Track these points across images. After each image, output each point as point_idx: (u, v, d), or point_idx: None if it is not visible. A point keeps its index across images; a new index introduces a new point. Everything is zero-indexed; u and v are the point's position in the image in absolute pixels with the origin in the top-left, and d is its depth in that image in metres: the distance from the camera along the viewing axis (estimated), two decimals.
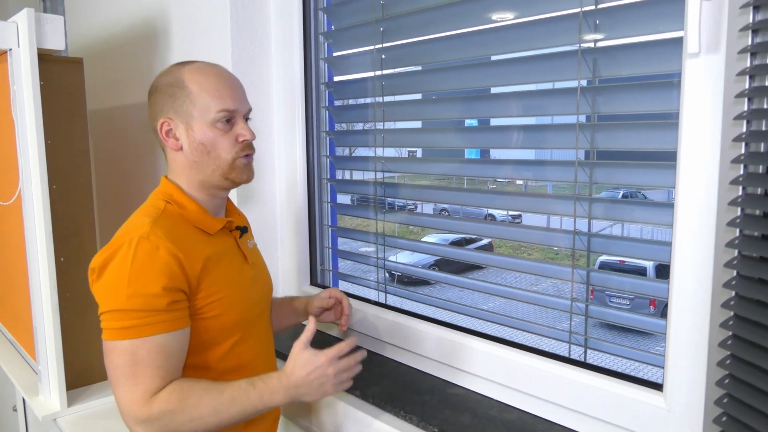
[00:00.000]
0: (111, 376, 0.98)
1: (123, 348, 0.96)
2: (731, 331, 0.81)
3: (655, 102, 1.02)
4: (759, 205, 0.78)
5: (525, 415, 1.16)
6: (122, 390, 0.96)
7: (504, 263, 1.30)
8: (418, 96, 1.44)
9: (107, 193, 2.31)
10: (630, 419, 1.01)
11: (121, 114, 2.15)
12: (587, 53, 1.08)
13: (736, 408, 0.81)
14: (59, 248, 1.53)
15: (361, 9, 1.49)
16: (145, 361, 0.96)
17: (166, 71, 1.11)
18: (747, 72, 0.76)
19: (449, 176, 1.41)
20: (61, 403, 1.55)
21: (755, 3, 0.74)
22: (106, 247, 1.01)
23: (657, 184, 1.04)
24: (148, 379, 0.96)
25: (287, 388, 1.04)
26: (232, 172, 1.10)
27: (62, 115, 1.57)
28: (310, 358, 1.05)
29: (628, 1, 1.03)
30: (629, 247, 1.09)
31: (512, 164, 1.25)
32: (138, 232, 0.99)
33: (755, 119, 0.77)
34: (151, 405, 0.95)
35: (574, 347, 1.17)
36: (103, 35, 2.22)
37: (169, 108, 1.07)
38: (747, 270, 0.79)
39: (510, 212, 8.82)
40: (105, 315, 0.98)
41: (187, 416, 0.97)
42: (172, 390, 0.98)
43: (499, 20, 1.21)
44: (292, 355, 1.07)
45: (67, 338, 1.54)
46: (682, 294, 0.93)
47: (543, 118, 1.19)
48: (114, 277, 0.97)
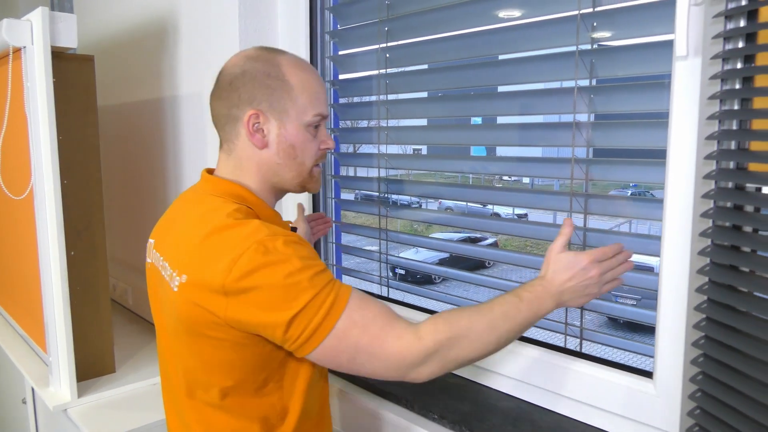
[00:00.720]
0: (359, 360, 0.86)
1: (350, 318, 0.85)
2: (705, 314, 0.86)
3: (649, 102, 1.07)
4: (730, 198, 0.83)
5: (523, 403, 1.21)
6: (387, 347, 0.85)
7: (508, 258, 1.34)
8: (423, 94, 1.47)
9: (115, 188, 2.35)
10: (622, 405, 1.06)
11: (130, 111, 2.19)
12: (585, 54, 1.12)
13: (709, 384, 0.85)
14: (70, 242, 1.56)
15: (366, 9, 1.53)
16: (376, 307, 0.88)
17: (254, 55, 0.99)
18: (719, 76, 0.80)
19: (455, 174, 1.45)
20: (71, 393, 1.58)
21: (727, 13, 0.79)
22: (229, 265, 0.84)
23: (652, 181, 1.08)
24: (396, 320, 0.88)
25: (553, 295, 0.94)
26: (310, 181, 1.04)
27: (74, 112, 1.60)
28: (571, 261, 0.95)
29: (624, 4, 1.07)
30: (629, 243, 1.13)
31: (511, 162, 1.29)
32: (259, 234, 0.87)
33: (726, 119, 0.81)
34: (423, 339, 0.86)
35: (570, 339, 1.22)
36: (111, 32, 2.26)
37: (262, 99, 0.96)
38: (719, 257, 0.84)
39: (516, 211, 8.88)
40: (300, 317, 0.83)
41: (465, 339, 0.88)
42: (435, 321, 0.88)
43: (500, 21, 1.25)
44: (549, 260, 0.97)
45: (76, 331, 1.58)
46: (668, 285, 0.98)
47: (541, 116, 1.23)
48: (277, 281, 0.83)
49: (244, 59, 0.99)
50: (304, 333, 0.83)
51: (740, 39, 0.79)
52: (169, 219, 1.07)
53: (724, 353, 0.82)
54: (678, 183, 0.95)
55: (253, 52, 1.00)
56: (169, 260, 0.96)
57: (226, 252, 0.85)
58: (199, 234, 0.91)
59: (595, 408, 1.10)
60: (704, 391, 0.84)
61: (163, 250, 1.01)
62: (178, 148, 1.93)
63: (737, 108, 0.80)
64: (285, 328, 0.83)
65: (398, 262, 1.60)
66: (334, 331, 0.84)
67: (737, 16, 0.78)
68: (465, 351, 0.88)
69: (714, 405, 0.83)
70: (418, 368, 0.87)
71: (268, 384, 0.94)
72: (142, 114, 2.13)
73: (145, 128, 2.12)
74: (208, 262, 0.87)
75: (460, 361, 0.89)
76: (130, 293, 2.21)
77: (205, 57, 1.75)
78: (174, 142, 1.94)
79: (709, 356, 0.84)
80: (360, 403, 1.33)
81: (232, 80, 0.98)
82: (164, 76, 1.96)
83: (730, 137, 0.80)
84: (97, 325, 1.69)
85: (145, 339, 1.98)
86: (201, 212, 0.96)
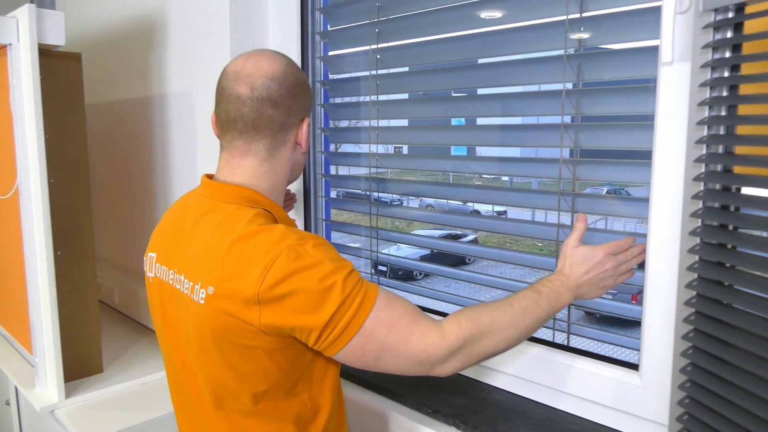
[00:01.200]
0: (388, 351, 0.88)
1: (377, 317, 0.87)
2: (694, 308, 0.91)
3: (634, 104, 1.11)
4: (717, 198, 0.88)
5: (513, 396, 1.24)
6: (413, 345, 0.88)
7: (493, 255, 1.38)
8: (416, 95, 1.50)
9: (101, 187, 2.33)
10: (609, 397, 1.10)
11: (116, 109, 2.17)
12: (572, 58, 1.16)
13: (698, 375, 0.90)
14: (56, 242, 1.55)
15: (357, 10, 1.55)
16: (401, 306, 0.90)
17: (293, 67, 1.02)
18: (708, 84, 0.85)
19: (436, 172, 1.48)
20: (59, 394, 1.57)
21: (715, 24, 0.84)
22: (262, 272, 0.84)
23: (636, 181, 1.13)
24: (421, 317, 0.90)
25: (570, 288, 0.98)
26: None
27: (60, 110, 1.59)
28: (587, 255, 0.99)
29: (610, 11, 1.11)
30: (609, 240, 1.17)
31: (500, 161, 1.32)
32: (288, 240, 0.87)
33: (714, 125, 0.86)
34: (447, 337, 0.89)
35: (558, 334, 1.25)
36: (98, 29, 2.24)
37: (308, 109, 1.04)
38: (707, 255, 0.89)
39: (495, 208, 8.97)
40: (334, 318, 0.85)
41: (487, 335, 0.91)
42: (458, 318, 0.91)
43: (491, 25, 1.28)
44: (565, 254, 1.01)
45: (63, 330, 1.56)
46: (654, 281, 1.02)
47: (530, 118, 1.27)
48: (312, 285, 0.84)
49: (292, 67, 1.01)
50: (333, 332, 0.85)
51: (727, 49, 0.84)
52: (171, 230, 1.04)
53: (712, 346, 0.87)
54: (665, 183, 0.99)
55: (285, 58, 1.02)
56: (186, 272, 0.94)
57: (256, 260, 0.85)
58: (222, 244, 0.89)
59: (582, 399, 1.15)
60: (693, 381, 0.89)
61: (172, 263, 0.99)
62: (166, 147, 1.92)
63: (725, 114, 0.84)
64: (321, 331, 0.85)
65: (388, 260, 1.62)
66: (361, 330, 0.86)
67: (724, 28, 0.83)
68: (487, 346, 0.91)
69: (703, 394, 0.88)
70: (443, 364, 0.90)
71: (298, 384, 0.95)
72: (129, 112, 2.11)
73: (133, 127, 2.10)
74: (238, 271, 0.86)
75: (482, 355, 0.92)
76: (117, 293, 2.19)
77: (194, 56, 1.75)
78: (162, 141, 1.94)
79: (699, 348, 0.89)
80: (352, 398, 1.35)
81: (291, 88, 0.99)
82: (152, 74, 1.95)
83: (718, 141, 0.85)
84: (85, 325, 1.68)
85: (132, 339, 1.97)
86: (218, 221, 0.94)
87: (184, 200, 1.07)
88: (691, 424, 0.91)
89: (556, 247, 1.22)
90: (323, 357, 0.96)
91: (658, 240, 1.01)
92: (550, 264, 1.25)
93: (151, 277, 1.06)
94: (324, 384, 0.99)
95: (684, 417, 0.90)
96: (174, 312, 0.99)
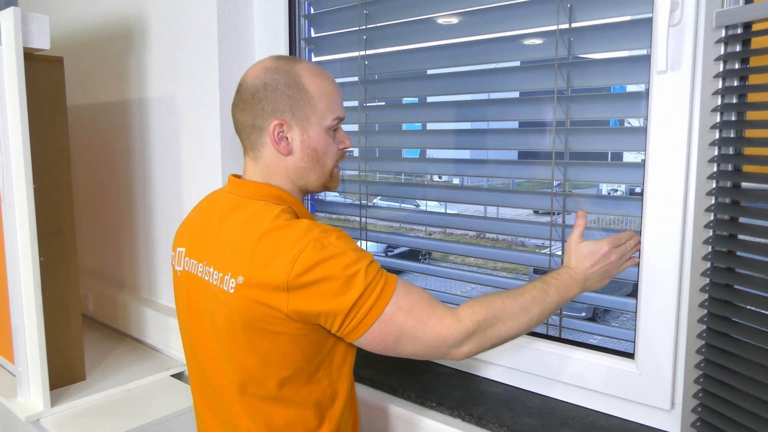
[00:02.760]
0: (405, 341, 0.93)
1: (397, 303, 0.92)
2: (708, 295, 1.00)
3: (621, 110, 1.19)
4: (729, 194, 0.97)
5: (510, 388, 1.31)
6: (430, 329, 0.93)
7: (490, 254, 1.43)
8: (411, 101, 1.55)
9: (79, 191, 2.27)
10: (606, 384, 1.18)
11: (96, 112, 2.12)
12: (562, 66, 1.23)
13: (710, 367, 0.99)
14: (40, 248, 1.52)
15: (342, 18, 1.59)
16: (418, 293, 0.95)
17: (273, 66, 1.04)
18: (720, 92, 0.95)
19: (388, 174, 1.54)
20: (44, 403, 1.54)
21: (725, 39, 0.94)
22: (290, 261, 0.90)
23: (621, 181, 1.22)
24: (437, 304, 0.95)
25: (579, 281, 1.04)
26: (331, 181, 1.10)
27: (42, 114, 1.56)
28: (593, 249, 1.06)
29: (597, 22, 1.19)
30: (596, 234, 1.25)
31: (494, 164, 1.39)
32: (314, 231, 0.93)
33: (726, 128, 0.96)
34: (462, 321, 0.94)
35: (551, 327, 1.33)
36: (75, 31, 2.18)
37: (285, 109, 1.02)
38: (719, 245, 0.98)
39: (448, 210, 9.09)
40: (357, 304, 0.90)
41: (500, 320, 0.96)
42: (472, 304, 0.96)
43: (481, 33, 1.35)
44: (570, 250, 1.08)
45: (47, 338, 1.53)
46: (650, 276, 1.11)
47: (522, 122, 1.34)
48: (337, 272, 0.90)
49: (265, 71, 1.04)
50: (357, 317, 0.91)
51: (737, 61, 0.94)
52: (200, 225, 1.09)
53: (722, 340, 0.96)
54: (659, 183, 1.07)
55: (271, 63, 1.05)
56: (215, 264, 1.00)
57: (284, 251, 0.91)
58: (251, 236, 0.95)
59: (580, 388, 1.22)
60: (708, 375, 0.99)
61: (202, 256, 1.04)
62: (146, 152, 1.90)
63: (734, 119, 0.94)
64: (345, 315, 0.90)
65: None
66: (382, 316, 0.91)
67: (733, 42, 0.93)
68: (500, 330, 0.97)
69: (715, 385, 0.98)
70: (459, 347, 0.95)
71: (319, 371, 1.01)
72: (108, 116, 2.07)
73: (111, 131, 2.06)
74: (267, 261, 0.92)
75: (495, 340, 0.98)
76: (91, 299, 2.15)
77: (178, 61, 1.74)
78: (142, 145, 1.91)
79: (712, 329, 0.99)
80: (359, 396, 1.37)
81: (255, 93, 1.03)
82: (132, 78, 1.93)
83: (729, 143, 0.94)
84: (68, 332, 1.65)
85: (111, 344, 1.94)
86: (246, 216, 1.00)
87: (211, 198, 1.13)
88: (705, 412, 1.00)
89: (549, 242, 1.29)
90: (343, 344, 1.02)
91: (651, 236, 1.10)
92: (538, 260, 1.32)
93: (179, 271, 1.11)
94: (342, 371, 1.04)
95: (698, 408, 1.00)
96: (200, 303, 1.04)
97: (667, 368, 1.10)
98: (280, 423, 1.00)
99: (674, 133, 1.05)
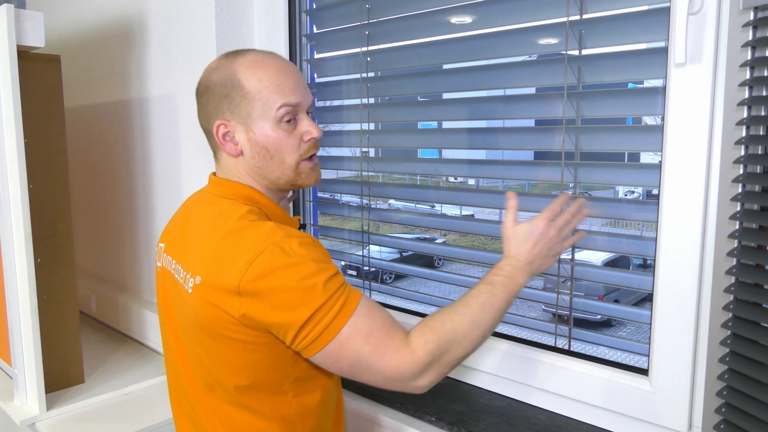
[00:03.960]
0: (359, 366, 0.87)
1: (355, 325, 0.86)
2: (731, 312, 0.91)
3: (635, 107, 1.11)
4: (758, 201, 0.88)
5: (514, 402, 1.23)
6: (386, 360, 0.87)
7: (490, 259, 1.36)
8: (411, 98, 1.48)
9: (79, 193, 2.26)
10: (616, 402, 1.09)
11: (95, 112, 2.11)
12: (573, 60, 1.15)
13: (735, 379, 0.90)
14: (36, 249, 1.50)
15: (343, 13, 1.53)
16: (380, 316, 0.89)
17: (215, 66, 1.00)
18: (747, 83, 0.85)
19: (403, 175, 1.50)
20: (40, 406, 1.51)
21: (755, 23, 0.83)
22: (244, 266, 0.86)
23: (636, 183, 1.13)
24: (396, 331, 0.89)
25: (522, 268, 0.97)
26: (298, 179, 1.02)
27: (39, 114, 1.53)
28: (528, 230, 0.99)
29: (610, 13, 1.11)
30: (610, 242, 1.17)
31: (504, 165, 1.32)
32: (276, 235, 0.88)
33: (753, 124, 0.86)
34: (416, 353, 0.87)
35: (559, 338, 1.25)
36: (75, 30, 2.17)
37: (224, 109, 0.97)
38: (746, 258, 0.89)
39: (463, 211, 9.01)
40: (312, 320, 0.85)
41: (454, 343, 0.90)
42: (423, 332, 0.90)
43: (487, 27, 1.27)
44: (507, 236, 1.01)
45: (43, 340, 1.51)
46: (667, 287, 1.02)
47: (529, 120, 1.26)
48: (292, 283, 0.85)
49: (207, 73, 1.01)
50: (311, 335, 0.85)
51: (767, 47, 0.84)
52: (179, 222, 1.07)
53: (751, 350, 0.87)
54: (680, 184, 0.99)
55: (214, 63, 1.01)
56: (182, 263, 0.97)
57: (241, 253, 0.87)
58: (213, 236, 0.92)
59: (587, 404, 1.14)
60: (732, 387, 0.89)
61: (175, 253, 1.02)
62: (147, 151, 1.87)
63: (764, 114, 0.84)
64: (297, 330, 0.85)
65: (380, 265, 1.60)
66: (338, 337, 0.86)
67: (764, 26, 0.83)
68: (456, 353, 0.91)
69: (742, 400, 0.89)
70: (416, 381, 0.89)
71: (284, 384, 0.95)
72: (108, 116, 2.05)
73: (112, 131, 2.04)
74: (223, 263, 0.88)
75: (453, 363, 0.92)
76: (94, 300, 2.13)
77: (177, 59, 1.70)
78: (143, 145, 1.88)
79: (736, 353, 0.89)
80: (354, 408, 1.32)
81: (200, 96, 1.01)
82: (132, 77, 1.89)
83: (758, 142, 0.85)
84: (65, 334, 1.62)
85: (112, 347, 1.92)
86: (213, 215, 0.97)
87: (195, 195, 1.11)
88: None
89: None
90: None
91: (669, 244, 1.01)
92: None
93: (158, 267, 1.09)
94: (312, 384, 0.99)
95: (721, 426, 0.91)
96: (173, 301, 1.02)
97: (684, 387, 1.01)
98: None
99: (694, 132, 0.96)
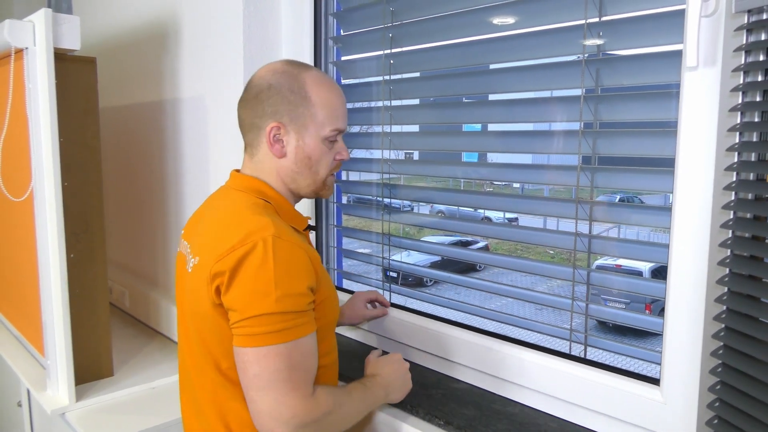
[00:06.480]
0: (260, 382, 0.91)
1: (277, 353, 0.90)
2: (723, 323, 0.88)
3: (654, 110, 1.08)
4: (750, 209, 0.85)
5: (527, 409, 1.21)
6: (279, 396, 0.90)
7: (509, 263, 1.35)
8: (427, 100, 1.48)
9: (113, 190, 2.34)
10: (627, 412, 1.07)
11: (129, 113, 2.18)
12: (590, 63, 1.13)
13: (728, 394, 0.87)
14: (69, 245, 1.55)
15: (369, 15, 1.54)
16: (300, 364, 0.93)
17: (280, 69, 1.06)
18: (740, 88, 0.82)
19: (446, 179, 1.48)
20: (69, 397, 1.57)
21: (748, 26, 0.80)
22: (228, 250, 0.93)
23: (655, 189, 1.10)
24: (303, 383, 0.93)
25: (383, 387, 1.12)
26: (323, 189, 1.12)
27: (75, 114, 1.59)
28: (388, 358, 1.19)
29: (630, 14, 1.08)
30: (627, 248, 1.14)
31: (516, 168, 1.30)
32: (267, 231, 0.93)
33: (747, 131, 0.83)
34: (314, 408, 0.93)
35: (574, 345, 1.22)
36: (112, 33, 2.25)
37: (284, 113, 1.04)
38: (738, 267, 0.86)
39: (507, 215, 8.89)
40: (250, 320, 0.91)
41: (338, 416, 0.98)
42: (326, 392, 0.97)
43: (505, 29, 1.26)
44: (370, 362, 1.19)
45: (74, 333, 1.57)
46: (678, 293, 0.98)
47: (546, 124, 1.24)
48: (257, 280, 0.91)
49: (272, 73, 1.06)
50: (254, 329, 0.91)
51: (761, 52, 0.81)
52: (199, 212, 1.15)
53: (743, 362, 0.84)
54: (690, 191, 0.96)
55: (280, 66, 1.07)
56: (192, 246, 1.06)
57: (231, 239, 0.94)
58: (218, 223, 1.01)
59: (598, 413, 1.11)
60: (723, 400, 0.86)
61: (189, 237, 1.10)
62: (178, 151, 1.92)
63: (758, 120, 0.81)
64: (243, 318, 0.91)
65: (400, 267, 1.60)
66: (275, 347, 0.91)
67: (758, 30, 0.80)
68: (334, 426, 0.99)
69: (733, 414, 0.85)
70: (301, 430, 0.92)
71: None
72: (142, 116, 2.12)
73: (146, 131, 2.11)
74: (215, 246, 0.96)
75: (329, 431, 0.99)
76: (127, 296, 2.20)
77: (207, 61, 1.74)
78: (175, 145, 1.94)
79: (729, 366, 0.86)
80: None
81: (259, 92, 1.05)
82: (165, 79, 1.95)
83: (751, 148, 0.81)
84: (96, 328, 1.68)
85: (143, 342, 1.97)
86: (225, 204, 1.06)
87: (218, 189, 1.18)
88: None
89: (570, 255, 1.19)
90: None
91: (681, 251, 0.97)
92: (562, 273, 1.23)
93: (178, 252, 1.17)
94: None
95: None
96: (183, 282, 1.09)
97: (694, 398, 0.97)
98: (237, 420, 1.01)
99: (703, 137, 0.93)
